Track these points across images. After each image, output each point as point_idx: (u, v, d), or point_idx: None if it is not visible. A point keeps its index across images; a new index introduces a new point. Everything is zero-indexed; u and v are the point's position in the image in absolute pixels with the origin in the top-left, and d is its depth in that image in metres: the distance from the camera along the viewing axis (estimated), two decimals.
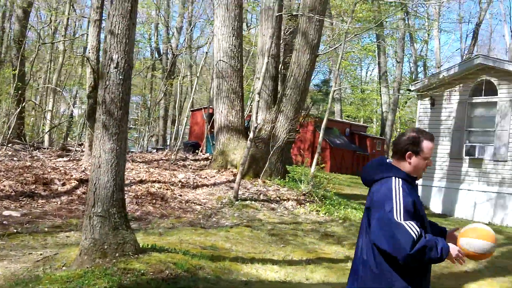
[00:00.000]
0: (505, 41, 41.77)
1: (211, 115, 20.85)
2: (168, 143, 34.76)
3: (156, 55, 38.60)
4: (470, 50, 38.63)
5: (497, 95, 16.76)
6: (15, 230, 8.11)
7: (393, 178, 3.64)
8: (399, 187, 3.57)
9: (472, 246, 3.65)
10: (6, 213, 9.00)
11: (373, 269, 3.58)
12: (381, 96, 36.02)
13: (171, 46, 36.18)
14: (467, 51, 39.68)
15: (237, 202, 11.68)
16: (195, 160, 16.83)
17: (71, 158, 14.20)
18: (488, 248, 3.66)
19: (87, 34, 24.98)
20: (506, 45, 40.90)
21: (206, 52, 20.82)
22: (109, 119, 7.11)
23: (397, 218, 3.43)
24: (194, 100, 37.52)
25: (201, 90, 42.91)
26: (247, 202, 11.86)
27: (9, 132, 16.75)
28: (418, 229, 3.40)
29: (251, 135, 12.51)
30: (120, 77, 7.19)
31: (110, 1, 7.59)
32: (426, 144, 3.76)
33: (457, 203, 17.33)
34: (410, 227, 3.39)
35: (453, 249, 3.56)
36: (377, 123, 45.03)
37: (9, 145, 15.16)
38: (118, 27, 7.26)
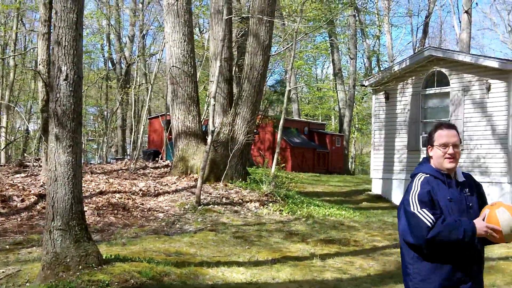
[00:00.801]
0: (455, 32, 42.65)
1: (169, 122, 20.75)
2: (127, 153, 34.46)
3: (110, 65, 38.26)
4: (421, 43, 39.34)
5: (449, 85, 17.12)
6: None
7: (419, 174, 3.78)
8: (419, 181, 3.71)
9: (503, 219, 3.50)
10: None
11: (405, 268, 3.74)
12: (337, 93, 36.40)
13: (124, 55, 35.92)
14: (419, 44, 40.41)
15: (199, 207, 11.64)
16: (155, 167, 16.72)
17: (29, 174, 13.96)
18: None
19: (37, 48, 24.58)
20: (456, 35, 41.75)
21: (159, 59, 20.71)
22: (62, 132, 7.02)
23: (412, 209, 3.58)
24: (152, 108, 37.34)
25: (157, 97, 42.65)
26: (210, 206, 11.84)
27: None
28: (431, 216, 3.49)
29: (209, 139, 12.50)
30: (70, 88, 7.12)
31: (55, 12, 7.51)
32: (438, 133, 3.82)
33: None
34: (423, 215, 3.51)
35: (480, 226, 3.52)
36: (335, 120, 45.46)
37: None
38: (65, 38, 7.19)
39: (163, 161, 19.26)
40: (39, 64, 14.94)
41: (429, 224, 3.47)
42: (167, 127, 21.33)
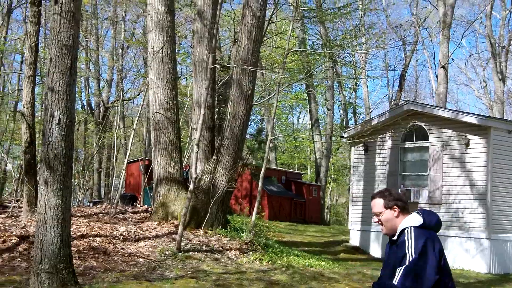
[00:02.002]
0: (431, 86, 43.70)
1: (147, 167, 20.78)
2: (103, 196, 34.19)
3: (88, 109, 38.27)
4: (397, 96, 40.19)
5: (428, 139, 17.51)
6: None
7: None
8: None
9: None
10: None
11: None
12: (314, 143, 36.81)
13: (102, 99, 36.01)
14: (395, 97, 41.24)
15: (180, 253, 11.65)
16: (135, 212, 16.67)
17: (9, 215, 13.84)
18: None
19: (20, 90, 24.63)
20: (432, 89, 42.78)
21: (142, 105, 20.85)
22: (53, 175, 7.11)
23: None
24: (123, 151, 37.20)
25: (134, 141, 42.62)
26: (190, 253, 11.86)
27: None
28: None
29: (191, 186, 12.58)
30: (63, 133, 7.25)
31: (49, 58, 7.67)
32: None
33: None
34: None
35: None
36: (311, 170, 45.79)
37: None
38: (59, 84, 7.34)
39: (140, 206, 19.21)
40: (23, 106, 14.98)
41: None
42: (145, 172, 21.33)
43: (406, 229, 3.98)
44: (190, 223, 13.78)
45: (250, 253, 12.77)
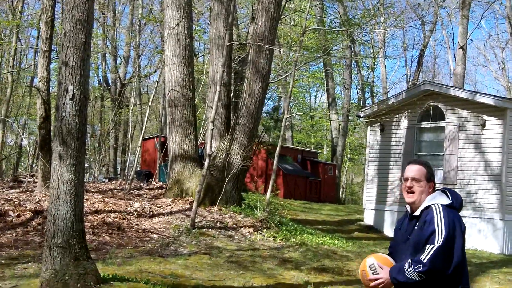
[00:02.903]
0: (449, 67, 43.18)
1: (163, 144, 20.83)
2: (119, 173, 34.41)
3: (105, 85, 38.33)
4: (415, 76, 39.79)
5: (444, 120, 17.32)
6: None
7: None
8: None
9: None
10: None
11: None
12: (330, 123, 36.64)
13: (119, 75, 36.03)
14: (413, 77, 40.86)
15: (194, 230, 11.69)
16: (150, 189, 16.74)
17: (24, 190, 13.96)
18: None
19: (35, 65, 24.72)
20: (450, 70, 42.28)
21: (157, 81, 20.82)
22: (66, 150, 7.09)
23: None
24: (140, 128, 37.30)
25: (150, 118, 42.72)
26: (204, 230, 11.89)
27: None
28: None
29: (206, 163, 12.58)
30: (76, 108, 7.22)
31: (63, 33, 7.63)
32: (406, 168, 4.16)
33: None
34: None
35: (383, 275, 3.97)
36: (328, 149, 45.66)
37: None
38: (73, 58, 7.30)
39: (156, 183, 19.30)
40: (39, 81, 15.01)
41: None
42: (161, 149, 21.40)
43: (434, 206, 3.89)
44: (205, 200, 13.82)
45: (264, 230, 12.78)
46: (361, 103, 41.84)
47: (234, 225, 12.68)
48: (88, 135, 30.20)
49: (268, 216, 13.67)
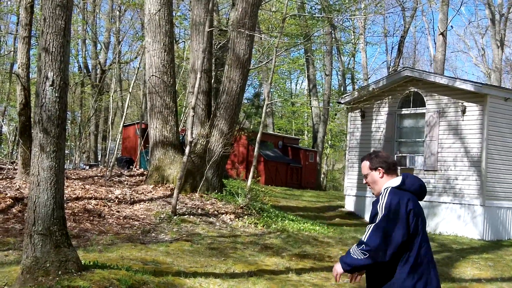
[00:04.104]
0: (430, 53, 43.41)
1: (144, 130, 20.75)
2: (99, 159, 34.21)
3: (85, 71, 38.01)
4: (396, 62, 39.98)
5: (425, 106, 17.45)
6: None
7: None
8: None
9: None
10: None
11: None
12: (311, 109, 36.71)
13: (99, 61, 35.75)
14: (393, 64, 41.04)
15: (175, 217, 11.69)
16: (131, 175, 16.68)
17: (4, 177, 13.85)
18: None
19: (15, 51, 24.38)
20: (431, 56, 42.51)
21: (138, 68, 20.70)
22: (47, 137, 7.05)
23: None
24: (120, 114, 37.12)
25: (131, 105, 42.49)
26: (185, 216, 11.89)
27: None
28: None
29: (187, 149, 12.55)
30: (56, 94, 7.16)
31: (43, 18, 7.55)
32: None
33: None
34: None
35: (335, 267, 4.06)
36: (309, 135, 45.77)
37: None
38: (53, 44, 7.23)
39: (137, 169, 19.23)
40: (18, 68, 14.84)
41: None
42: (142, 135, 21.31)
43: (384, 189, 4.03)
44: (186, 187, 13.81)
45: (245, 217, 12.83)
46: (342, 90, 42.01)
47: (215, 212, 12.70)
48: (69, 121, 29.95)
49: (249, 203, 13.72)
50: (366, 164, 4.23)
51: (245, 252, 10.16)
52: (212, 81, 17.88)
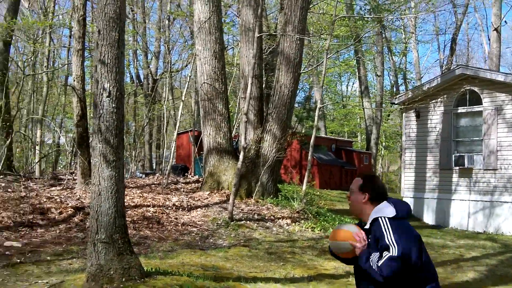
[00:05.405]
0: (484, 49, 42.50)
1: (197, 138, 20.95)
2: (154, 167, 34.68)
3: (137, 81, 38.64)
4: (449, 60, 39.24)
5: (481, 104, 17.03)
6: (18, 260, 8.14)
7: None
8: None
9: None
10: (7, 243, 9.05)
11: None
12: (364, 111, 36.37)
13: (150, 71, 36.30)
14: (446, 62, 40.29)
15: (232, 222, 11.74)
16: (186, 183, 16.87)
17: (64, 187, 14.20)
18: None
19: (69, 64, 25.03)
20: (485, 53, 41.62)
21: (189, 76, 20.91)
22: (106, 147, 7.18)
23: None
24: (173, 122, 37.50)
25: (183, 113, 42.95)
26: (242, 222, 11.94)
27: (0, 164, 16.75)
28: None
29: (241, 155, 12.60)
30: (113, 105, 7.29)
31: (97, 31, 7.69)
32: None
33: (450, 213, 17.46)
34: None
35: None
36: (362, 138, 45.35)
37: (1, 176, 15.16)
38: (108, 56, 7.36)
39: (191, 176, 19.43)
40: (74, 80, 15.20)
41: None
42: (195, 142, 21.52)
43: (380, 219, 3.91)
44: (241, 192, 13.87)
45: (302, 221, 12.78)
46: (394, 90, 41.44)
47: (272, 217, 12.70)
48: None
49: (305, 207, 13.66)
50: (358, 181, 4.17)
51: (303, 256, 10.12)
52: (263, 86, 17.91)
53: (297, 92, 17.39)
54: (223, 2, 26.53)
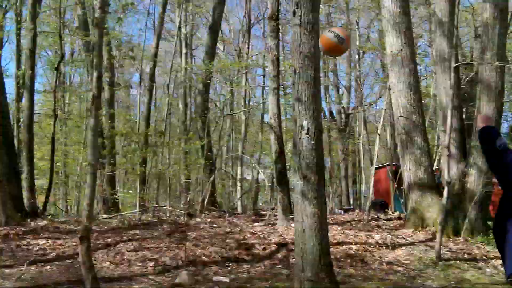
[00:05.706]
0: None
1: (395, 172, 20.40)
2: (352, 203, 34.38)
3: (329, 116, 38.91)
4: None
5: None
6: None
7: None
8: None
9: None
10: (215, 278, 9.36)
11: None
12: None
13: (343, 106, 36.44)
14: None
15: (440, 262, 11.07)
16: (388, 219, 16.42)
17: (266, 223, 14.54)
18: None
19: (265, 102, 25.87)
20: None
21: (384, 109, 20.50)
22: (307, 184, 7.21)
23: None
24: (367, 156, 37.11)
25: (378, 146, 42.40)
26: (451, 262, 11.21)
27: (205, 200, 17.66)
28: None
29: (445, 191, 11.90)
30: (312, 142, 7.32)
31: (293, 70, 7.80)
32: None
33: None
34: None
35: None
36: None
37: (206, 212, 15.95)
38: (305, 94, 7.44)
39: (392, 213, 18.89)
40: (270, 118, 15.63)
41: None
42: (393, 177, 20.96)
43: None
44: (447, 230, 13.13)
45: None
46: None
47: (484, 257, 11.77)
48: None
49: None
50: None
51: None
52: (463, 117, 17.01)
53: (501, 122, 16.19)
54: (415, 33, 25.94)
